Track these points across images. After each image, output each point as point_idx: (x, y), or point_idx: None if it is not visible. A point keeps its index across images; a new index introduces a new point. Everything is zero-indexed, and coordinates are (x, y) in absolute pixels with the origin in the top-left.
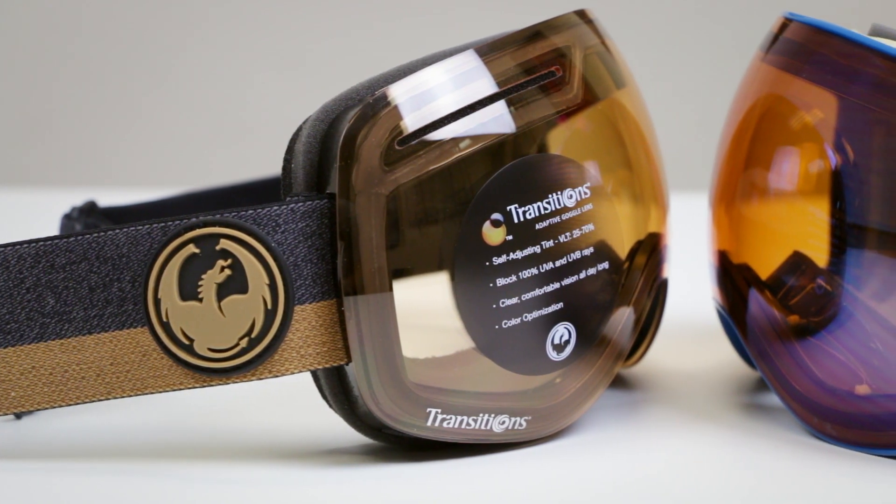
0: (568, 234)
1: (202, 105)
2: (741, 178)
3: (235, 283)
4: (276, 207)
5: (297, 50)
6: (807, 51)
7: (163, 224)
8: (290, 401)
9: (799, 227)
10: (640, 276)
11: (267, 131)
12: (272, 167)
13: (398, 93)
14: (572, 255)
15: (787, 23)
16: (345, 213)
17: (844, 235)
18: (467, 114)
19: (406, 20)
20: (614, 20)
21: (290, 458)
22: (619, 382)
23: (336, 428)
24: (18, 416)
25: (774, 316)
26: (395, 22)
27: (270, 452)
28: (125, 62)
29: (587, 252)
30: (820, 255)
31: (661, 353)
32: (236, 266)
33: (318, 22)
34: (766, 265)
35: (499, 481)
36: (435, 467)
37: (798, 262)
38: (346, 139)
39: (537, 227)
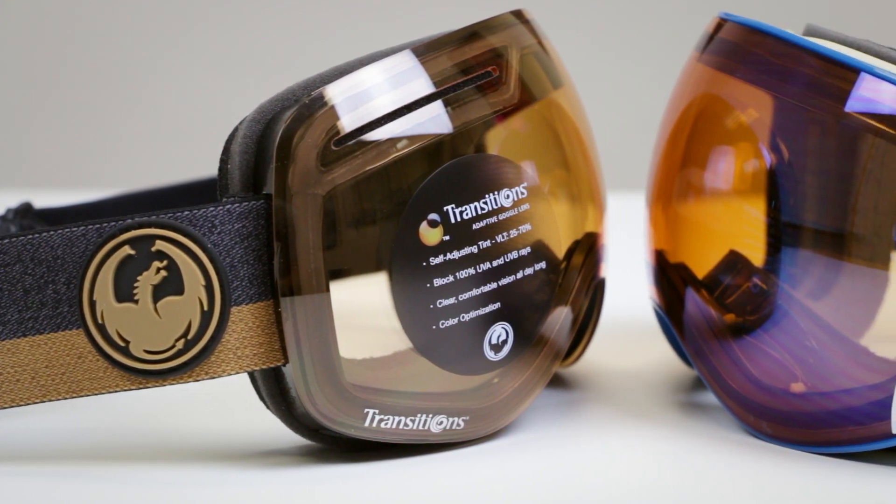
0: (505, 233)
1: (139, 105)
2: (677, 178)
3: (171, 285)
4: (212, 208)
5: (234, 50)
6: (742, 51)
7: (98, 225)
8: (228, 402)
9: (735, 227)
10: (577, 275)
11: (206, 131)
12: (211, 168)
13: (335, 93)
14: (509, 254)
15: (722, 23)
16: (281, 214)
17: (780, 234)
18: (404, 114)
19: (344, 20)
20: (551, 20)
21: (227, 460)
22: (558, 382)
23: (273, 429)
24: None
25: (711, 315)
26: (332, 22)
27: (207, 454)
28: (60, 61)
29: (524, 252)
30: (756, 253)
31: (599, 353)
32: (172, 267)
33: (255, 22)
34: (702, 264)
35: (437, 482)
36: (373, 468)
37: (734, 261)
38: (283, 140)
39: (474, 227)
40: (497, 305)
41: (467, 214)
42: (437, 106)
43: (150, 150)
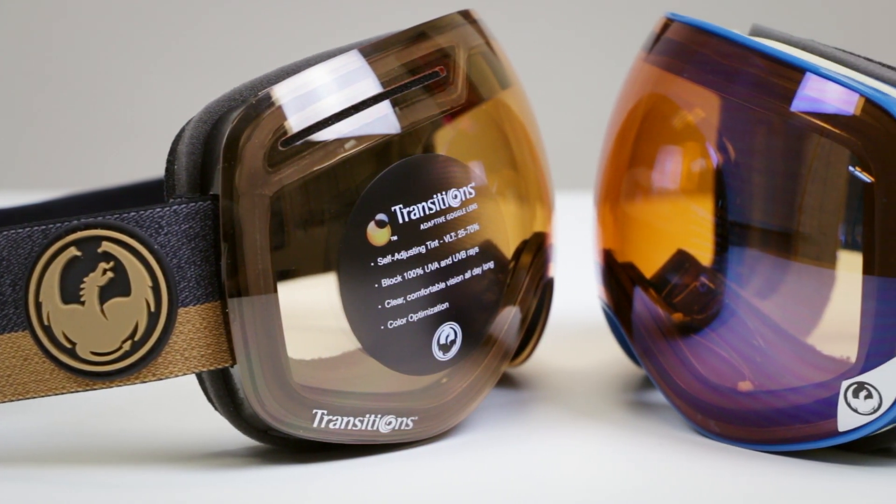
0: (453, 234)
1: (88, 106)
2: (625, 178)
3: (118, 286)
4: (158, 209)
5: (183, 50)
6: (688, 51)
7: (43, 227)
8: (175, 404)
9: (682, 226)
10: (525, 275)
11: (153, 132)
12: (158, 169)
13: (282, 93)
14: (457, 255)
15: (668, 23)
16: (228, 215)
17: (727, 234)
18: (352, 114)
19: (292, 21)
20: (499, 20)
21: (174, 462)
22: (507, 381)
23: (221, 430)
24: None
25: (659, 314)
26: (280, 22)
27: (155, 456)
28: (6, 61)
29: (472, 252)
30: (703, 253)
31: (548, 352)
32: (119, 268)
33: (203, 22)
34: (650, 264)
35: (386, 482)
36: (322, 469)
37: (682, 261)
38: (229, 140)
39: (422, 227)
40: (445, 305)
41: (415, 215)
42: (385, 106)
43: (97, 152)
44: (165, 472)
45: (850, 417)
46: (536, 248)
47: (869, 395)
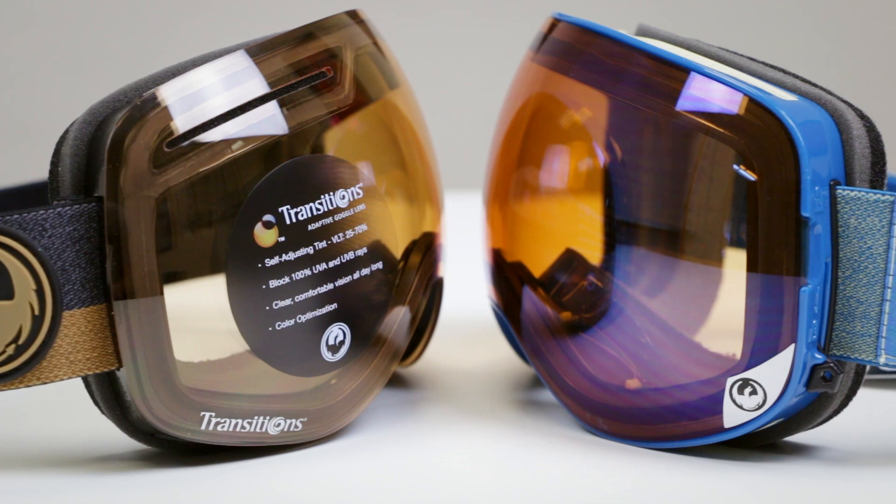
0: (341, 234)
1: None
2: (514, 177)
3: (0, 289)
4: (42, 211)
5: (67, 51)
6: (575, 50)
7: None
8: (61, 408)
9: (570, 225)
10: (415, 275)
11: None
12: (43, 171)
13: (167, 94)
14: (346, 255)
15: (555, 23)
16: (113, 217)
17: (614, 232)
18: (239, 115)
19: (178, 21)
20: (387, 20)
21: (61, 466)
22: (397, 381)
23: (109, 434)
24: None
25: (547, 313)
26: (166, 23)
27: (40, 461)
28: None
29: (361, 252)
30: (592, 252)
31: (439, 352)
32: (1, 271)
33: (88, 23)
34: (539, 263)
35: (275, 483)
36: (210, 471)
37: (570, 260)
38: (114, 142)
39: (310, 228)
40: (334, 306)
41: (303, 215)
42: (272, 106)
43: None
44: (51, 476)
45: (735, 414)
46: (426, 248)
47: (754, 392)
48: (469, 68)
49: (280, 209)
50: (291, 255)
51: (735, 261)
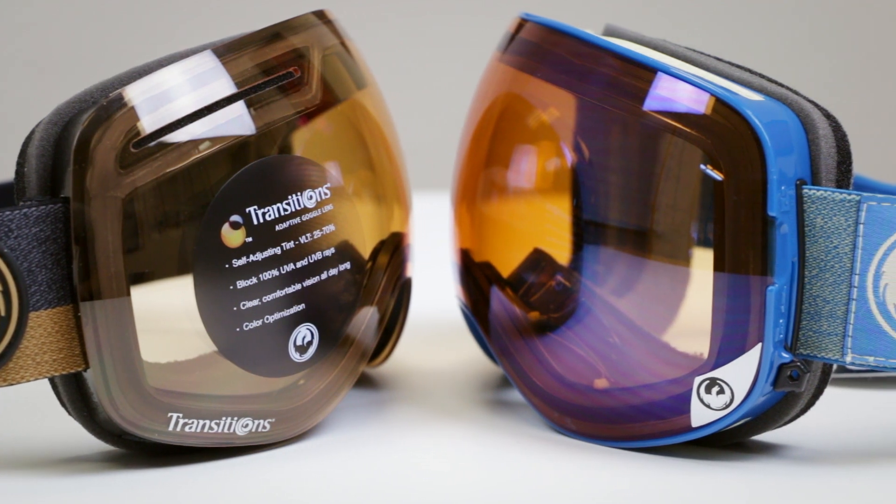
0: (309, 234)
1: None
2: (482, 177)
3: None
4: (8, 212)
5: (33, 52)
6: (542, 51)
7: None
8: (27, 409)
9: (538, 225)
10: (383, 275)
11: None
12: (9, 171)
13: (134, 94)
14: (314, 255)
15: (522, 23)
16: (79, 218)
17: (582, 232)
18: (206, 115)
19: (145, 21)
20: (354, 20)
21: (27, 468)
22: (366, 382)
23: (76, 435)
24: None
25: (515, 313)
26: (132, 23)
27: (6, 462)
28: None
29: (329, 252)
30: (560, 251)
31: (407, 353)
32: None
33: (53, 23)
34: (507, 263)
35: (243, 484)
36: (178, 472)
37: (538, 260)
38: (80, 142)
39: (277, 228)
40: (302, 307)
41: (270, 216)
42: (240, 107)
43: None
44: (16, 478)
45: (703, 413)
46: (394, 248)
47: (721, 391)
48: (437, 68)
49: (247, 209)
50: (259, 256)
51: (702, 260)
